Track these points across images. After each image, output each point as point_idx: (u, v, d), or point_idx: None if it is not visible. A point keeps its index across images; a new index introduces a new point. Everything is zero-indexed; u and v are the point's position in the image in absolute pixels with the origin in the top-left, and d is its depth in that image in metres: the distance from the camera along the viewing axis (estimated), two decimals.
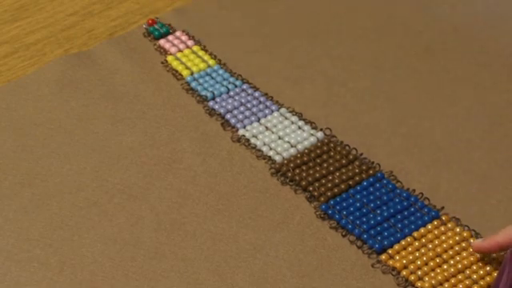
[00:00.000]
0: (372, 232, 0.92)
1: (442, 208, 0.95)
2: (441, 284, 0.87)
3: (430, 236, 0.91)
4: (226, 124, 1.06)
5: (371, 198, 0.96)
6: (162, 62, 1.15)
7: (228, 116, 1.06)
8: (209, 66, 1.14)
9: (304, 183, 0.97)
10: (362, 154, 1.01)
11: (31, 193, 0.97)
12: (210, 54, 1.17)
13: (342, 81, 1.13)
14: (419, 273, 0.88)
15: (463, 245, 0.90)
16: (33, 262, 0.90)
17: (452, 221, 0.93)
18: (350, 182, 0.97)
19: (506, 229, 0.84)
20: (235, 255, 0.90)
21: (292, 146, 1.02)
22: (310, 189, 0.97)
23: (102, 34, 1.22)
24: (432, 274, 0.87)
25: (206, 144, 1.03)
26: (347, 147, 1.02)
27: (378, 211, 0.94)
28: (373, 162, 1.00)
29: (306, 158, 1.00)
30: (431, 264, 0.88)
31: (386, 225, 0.92)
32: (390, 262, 0.89)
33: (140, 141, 1.04)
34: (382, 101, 1.10)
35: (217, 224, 0.93)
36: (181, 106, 1.09)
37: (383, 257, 0.90)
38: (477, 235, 0.92)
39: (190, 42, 1.19)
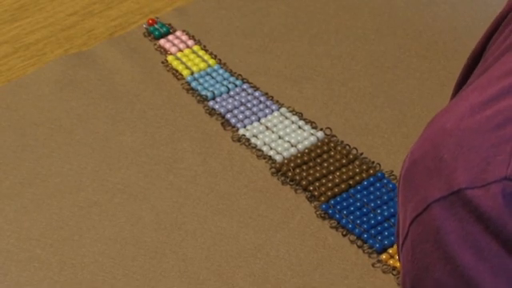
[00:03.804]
0: (372, 231, 0.92)
1: None
2: None
3: None
4: (226, 124, 1.06)
5: (371, 197, 0.96)
6: (162, 62, 1.15)
7: (228, 116, 1.06)
8: (209, 66, 1.14)
9: (304, 183, 0.97)
10: (362, 154, 1.01)
11: (31, 193, 0.97)
12: (210, 54, 1.17)
13: (342, 81, 1.13)
14: None
15: None
16: (33, 262, 0.90)
17: None
18: (351, 182, 0.97)
19: None
20: (235, 255, 0.90)
21: (292, 146, 1.02)
22: (311, 188, 0.97)
23: (102, 34, 1.22)
24: None
25: (206, 144, 1.03)
26: (347, 147, 1.02)
27: (379, 211, 0.94)
28: (373, 162, 1.00)
29: (306, 158, 1.00)
30: None
31: (386, 224, 0.92)
32: (391, 262, 0.89)
33: (140, 141, 1.04)
34: (382, 101, 1.10)
35: (217, 224, 0.93)
36: (181, 105, 1.09)
37: (383, 256, 0.90)
38: None
39: (190, 42, 1.19)
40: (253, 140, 1.03)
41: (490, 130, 0.52)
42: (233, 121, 1.06)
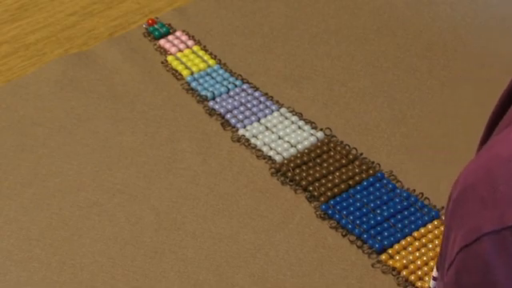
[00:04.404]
0: (372, 232, 0.92)
1: (442, 208, 0.95)
2: None
3: (430, 236, 0.91)
4: (225, 124, 1.06)
5: (371, 197, 0.96)
6: (162, 62, 1.15)
7: (228, 116, 1.06)
8: (209, 66, 1.14)
9: (304, 183, 0.97)
10: (361, 154, 1.01)
11: (31, 193, 0.97)
12: (210, 54, 1.17)
13: (342, 81, 1.13)
14: (419, 273, 0.88)
15: None
16: (33, 262, 0.90)
17: None
18: (350, 182, 0.97)
19: None
20: (235, 255, 0.90)
21: (292, 146, 1.02)
22: (310, 189, 0.97)
23: (101, 34, 1.22)
24: None
25: (205, 144, 1.03)
26: (347, 147, 1.02)
27: (378, 211, 0.94)
28: (373, 162, 1.00)
29: (306, 158, 1.00)
30: (431, 264, 0.88)
31: (386, 225, 0.92)
32: (390, 262, 0.89)
33: (140, 141, 1.04)
34: (382, 101, 1.10)
35: (217, 224, 0.93)
36: (181, 105, 1.09)
37: (383, 257, 0.90)
38: None
39: (190, 42, 1.19)
40: (252, 140, 1.03)
41: None
42: (232, 121, 1.06)
